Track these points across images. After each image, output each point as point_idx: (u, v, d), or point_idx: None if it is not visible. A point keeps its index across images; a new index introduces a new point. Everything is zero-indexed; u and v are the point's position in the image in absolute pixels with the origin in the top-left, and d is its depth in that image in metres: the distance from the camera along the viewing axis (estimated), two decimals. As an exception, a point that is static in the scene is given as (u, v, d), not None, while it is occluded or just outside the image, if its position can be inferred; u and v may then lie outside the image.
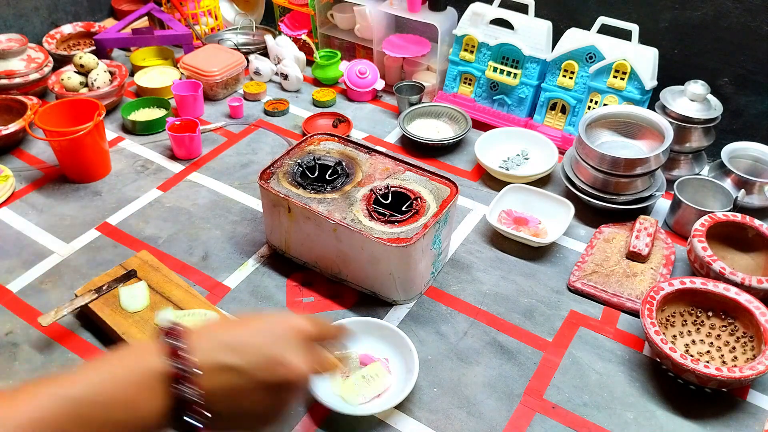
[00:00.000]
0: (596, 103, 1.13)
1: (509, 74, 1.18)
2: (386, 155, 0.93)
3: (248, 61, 1.37)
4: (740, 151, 1.04)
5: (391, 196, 0.85)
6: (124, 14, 1.59)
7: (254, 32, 1.52)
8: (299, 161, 0.90)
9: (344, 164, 0.90)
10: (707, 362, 0.71)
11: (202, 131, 1.18)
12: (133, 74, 1.37)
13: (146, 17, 1.54)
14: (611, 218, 0.99)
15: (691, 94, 1.01)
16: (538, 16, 1.18)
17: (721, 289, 0.79)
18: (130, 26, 1.47)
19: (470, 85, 1.26)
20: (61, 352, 0.79)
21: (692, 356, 0.76)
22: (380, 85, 1.32)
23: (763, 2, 1.01)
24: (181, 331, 0.50)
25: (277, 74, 1.38)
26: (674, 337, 0.79)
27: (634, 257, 0.90)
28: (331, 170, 0.89)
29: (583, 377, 0.76)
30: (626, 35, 1.10)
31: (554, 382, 0.76)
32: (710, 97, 1.04)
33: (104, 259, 0.93)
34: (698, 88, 1.01)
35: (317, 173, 0.89)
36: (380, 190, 0.86)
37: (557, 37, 1.15)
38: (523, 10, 1.18)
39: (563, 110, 1.18)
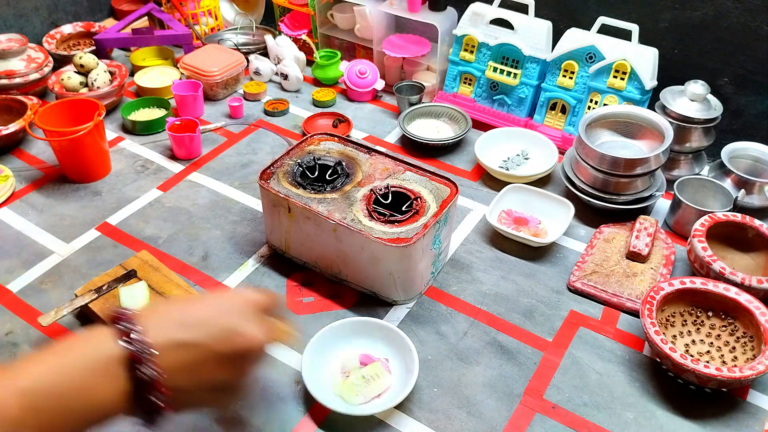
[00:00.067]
0: (596, 103, 1.13)
1: (509, 74, 1.18)
2: (386, 155, 0.93)
3: (248, 61, 1.37)
4: (740, 151, 1.04)
5: (391, 196, 0.85)
6: (124, 14, 1.59)
7: (254, 32, 1.52)
8: (299, 161, 0.90)
9: (344, 164, 0.90)
10: (707, 362, 0.71)
11: (202, 131, 1.18)
12: (133, 74, 1.37)
13: (146, 17, 1.54)
14: (611, 218, 0.99)
15: (691, 94, 1.01)
16: (538, 16, 1.19)
17: (721, 289, 0.79)
18: (130, 26, 1.47)
19: (470, 85, 1.26)
20: (61, 352, 0.79)
21: (692, 356, 0.76)
22: (380, 85, 1.32)
23: (763, 2, 1.01)
24: (130, 314, 0.51)
25: (277, 74, 1.38)
26: (674, 337, 0.79)
27: (634, 257, 0.90)
28: (331, 170, 0.89)
29: (583, 377, 0.76)
30: (626, 35, 1.10)
31: (554, 382, 0.76)
32: (710, 97, 1.04)
33: (104, 259, 0.93)
34: (698, 88, 1.01)
35: (317, 173, 0.89)
36: (380, 190, 0.86)
37: (557, 37, 1.15)
38: (523, 10, 1.18)
39: (563, 110, 1.18)
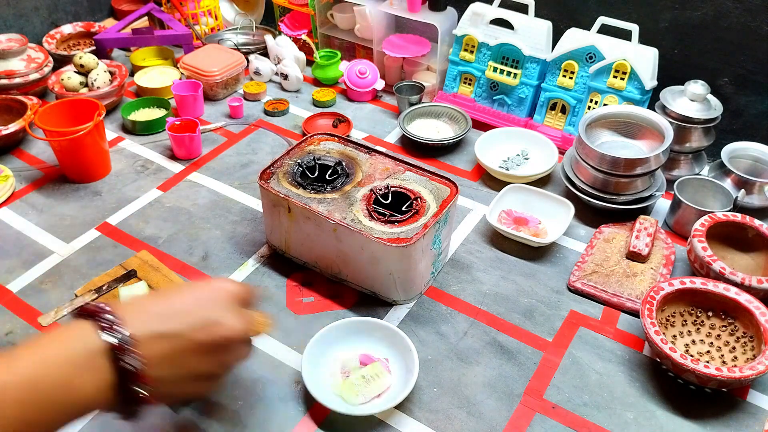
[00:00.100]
0: (596, 103, 1.13)
1: (509, 74, 1.18)
2: (386, 155, 0.93)
3: (248, 61, 1.37)
4: (740, 151, 1.04)
5: (391, 196, 0.85)
6: (124, 14, 1.59)
7: (254, 32, 1.52)
8: (299, 161, 0.90)
9: (344, 164, 0.90)
10: (707, 362, 0.71)
11: (202, 131, 1.18)
12: (133, 74, 1.37)
13: (146, 17, 1.54)
14: (611, 218, 0.99)
15: (691, 94, 1.01)
16: (538, 16, 1.19)
17: (721, 289, 0.79)
18: (130, 26, 1.47)
19: (470, 85, 1.26)
20: (61, 352, 0.79)
21: (692, 356, 0.76)
22: (380, 85, 1.32)
23: (763, 2, 1.01)
24: (109, 308, 0.51)
25: (277, 74, 1.38)
26: (674, 337, 0.79)
27: (634, 257, 0.90)
28: (331, 170, 0.89)
29: (583, 377, 0.76)
30: (626, 35, 1.10)
31: (554, 382, 0.76)
32: (710, 97, 1.04)
33: (104, 259, 0.93)
34: (698, 88, 1.01)
35: (317, 173, 0.89)
36: (380, 190, 0.86)
37: (557, 37, 1.15)
38: (523, 10, 1.18)
39: (563, 110, 1.18)
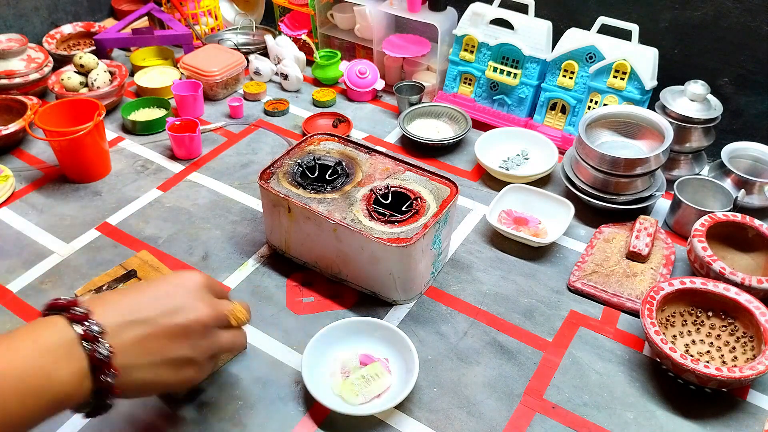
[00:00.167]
0: (596, 103, 1.13)
1: (509, 74, 1.18)
2: (386, 155, 0.93)
3: (248, 61, 1.37)
4: (740, 151, 1.04)
5: (391, 196, 0.85)
6: (124, 14, 1.59)
7: (254, 32, 1.53)
8: (299, 161, 0.90)
9: (344, 164, 0.90)
10: (707, 362, 0.71)
11: (202, 131, 1.18)
12: (133, 74, 1.37)
13: (146, 17, 1.54)
14: (611, 218, 0.99)
15: (691, 94, 1.01)
16: (538, 16, 1.19)
17: (721, 289, 0.79)
18: (130, 26, 1.47)
19: (470, 85, 1.26)
20: (61, 352, 0.79)
21: (692, 356, 0.76)
22: (380, 85, 1.32)
23: (763, 2, 1.01)
24: (79, 301, 0.53)
25: (277, 74, 1.38)
26: (674, 337, 0.79)
27: (634, 257, 0.90)
28: (331, 170, 0.89)
29: (583, 377, 0.76)
30: (626, 35, 1.10)
31: (554, 382, 0.76)
32: (710, 97, 1.04)
33: (104, 259, 0.93)
34: (698, 88, 1.01)
35: (317, 173, 0.89)
36: (380, 190, 0.86)
37: (557, 37, 1.15)
38: (523, 10, 1.18)
39: (563, 110, 1.18)
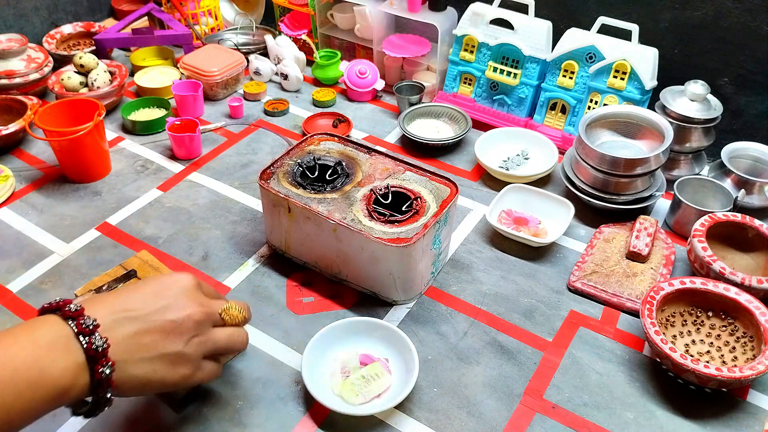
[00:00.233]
0: (596, 103, 1.13)
1: (509, 74, 1.18)
2: (386, 155, 0.93)
3: (248, 61, 1.37)
4: (740, 151, 1.04)
5: (391, 196, 0.85)
6: (124, 14, 1.59)
7: (254, 32, 1.53)
8: (299, 161, 0.90)
9: (344, 164, 0.90)
10: (707, 362, 0.71)
11: (202, 131, 1.18)
12: (133, 74, 1.37)
13: (146, 17, 1.54)
14: (611, 218, 0.99)
15: (691, 94, 1.01)
16: (538, 16, 1.19)
17: (721, 289, 0.79)
18: (130, 26, 1.47)
19: (470, 85, 1.26)
20: (61, 352, 0.79)
21: (692, 356, 0.76)
22: (380, 85, 1.32)
23: (763, 2, 1.01)
24: (69, 300, 0.55)
25: (277, 74, 1.38)
26: (674, 337, 0.79)
27: (634, 257, 0.90)
28: (331, 170, 0.89)
29: (583, 377, 0.76)
30: (626, 35, 1.10)
31: (554, 382, 0.76)
32: (710, 97, 1.04)
33: (104, 259, 0.93)
34: (698, 88, 1.01)
35: (317, 173, 0.89)
36: (380, 190, 0.86)
37: (557, 37, 1.15)
38: (523, 10, 1.18)
39: (563, 110, 1.18)
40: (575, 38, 1.13)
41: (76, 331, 0.52)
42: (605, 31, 1.11)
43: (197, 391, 0.72)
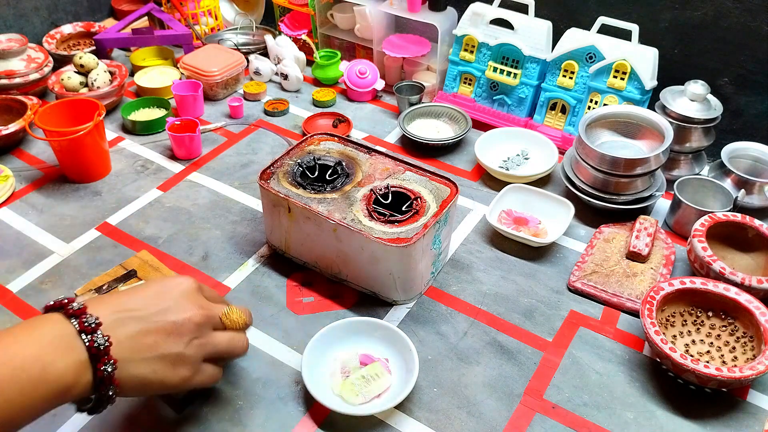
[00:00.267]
0: (596, 103, 1.13)
1: (509, 74, 1.18)
2: (386, 155, 0.93)
3: (248, 61, 1.37)
4: (740, 151, 1.04)
5: (391, 196, 0.85)
6: (124, 14, 1.59)
7: (254, 32, 1.53)
8: (299, 161, 0.90)
9: (344, 164, 0.90)
10: (707, 362, 0.71)
11: (202, 131, 1.18)
12: (133, 74, 1.37)
13: (146, 17, 1.54)
14: (611, 218, 0.99)
15: (691, 94, 1.01)
16: (538, 16, 1.19)
17: (721, 289, 0.79)
18: (130, 26, 1.47)
19: (470, 85, 1.26)
20: (61, 352, 0.79)
21: (692, 356, 0.76)
22: (380, 85, 1.32)
23: (763, 2, 1.01)
24: (72, 299, 0.55)
25: (277, 74, 1.38)
26: (674, 337, 0.79)
27: (634, 257, 0.90)
28: (331, 170, 0.89)
29: (583, 377, 0.76)
30: (626, 35, 1.10)
31: (554, 382, 0.76)
32: (710, 97, 1.04)
33: (104, 259, 0.93)
34: (698, 88, 1.01)
35: (317, 173, 0.89)
36: (380, 190, 0.86)
37: (557, 37, 1.15)
38: (523, 10, 1.18)
39: (563, 110, 1.18)
40: (575, 38, 1.13)
41: (78, 329, 0.52)
42: (605, 31, 1.11)
43: (197, 391, 0.72)
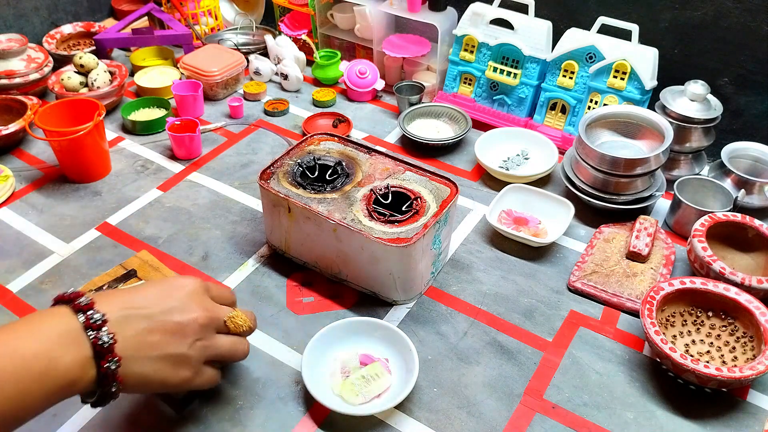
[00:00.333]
0: (596, 103, 1.13)
1: (509, 74, 1.18)
2: (386, 155, 0.93)
3: (248, 61, 1.37)
4: (740, 151, 1.04)
5: (391, 196, 0.85)
6: (124, 14, 1.59)
7: (254, 32, 1.53)
8: (299, 161, 0.90)
9: (344, 164, 0.90)
10: (707, 362, 0.71)
11: (202, 131, 1.18)
12: (133, 74, 1.37)
13: (146, 17, 1.54)
14: (611, 218, 0.99)
15: (691, 94, 1.01)
16: (538, 16, 1.19)
17: (721, 289, 0.79)
18: (130, 26, 1.48)
19: (470, 85, 1.26)
20: (61, 352, 0.79)
21: (692, 356, 0.76)
22: (380, 85, 1.32)
23: (763, 2, 1.01)
24: (81, 293, 0.56)
25: (277, 74, 1.38)
26: (674, 337, 0.79)
27: (634, 257, 0.90)
28: (331, 170, 0.89)
29: (583, 377, 0.76)
30: (626, 35, 1.10)
31: (554, 382, 0.76)
32: (710, 97, 1.04)
33: (104, 259, 0.93)
34: (698, 88, 1.01)
35: (317, 173, 0.89)
36: (380, 190, 0.86)
37: (557, 37, 1.15)
38: (523, 10, 1.18)
39: (563, 110, 1.18)
40: (575, 38, 1.13)
41: (84, 325, 0.53)
42: (605, 31, 1.11)
43: (197, 391, 0.72)
